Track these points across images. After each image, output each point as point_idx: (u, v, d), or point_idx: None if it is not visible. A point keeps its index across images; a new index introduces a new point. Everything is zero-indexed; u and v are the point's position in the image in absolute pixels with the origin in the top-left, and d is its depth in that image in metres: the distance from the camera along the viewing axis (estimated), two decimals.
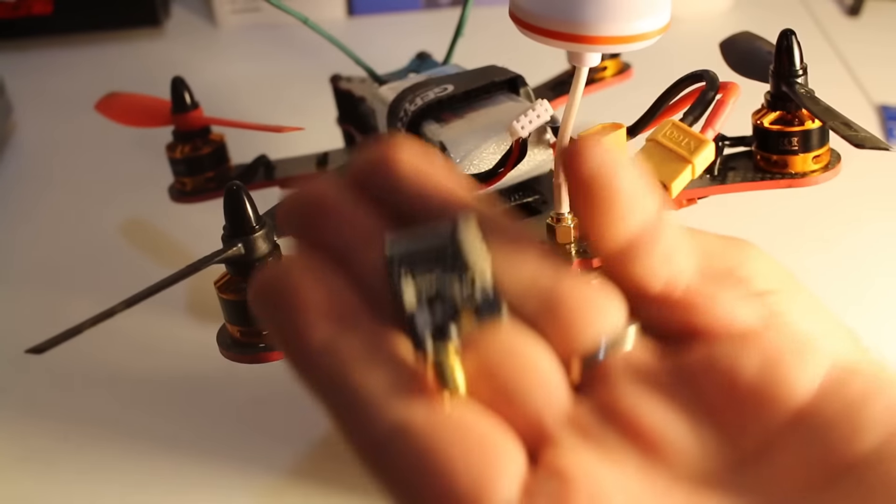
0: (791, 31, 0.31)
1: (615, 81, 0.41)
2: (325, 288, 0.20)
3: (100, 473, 0.38)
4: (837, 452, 0.19)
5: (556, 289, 0.21)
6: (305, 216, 0.22)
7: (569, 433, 0.20)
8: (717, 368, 0.21)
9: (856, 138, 0.28)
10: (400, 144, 0.22)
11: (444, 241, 0.21)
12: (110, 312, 0.26)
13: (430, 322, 0.20)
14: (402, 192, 0.22)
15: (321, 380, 0.20)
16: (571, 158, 0.20)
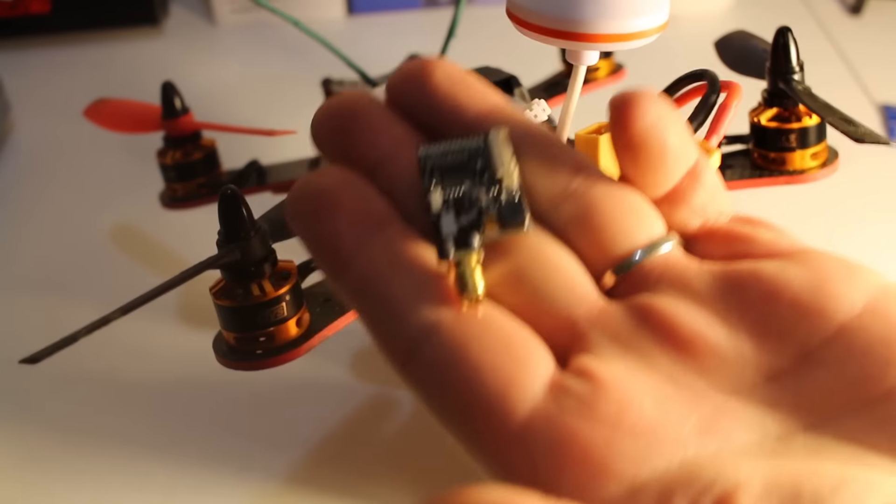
0: (787, 28, 0.31)
1: (608, 82, 0.40)
2: (357, 194, 0.21)
3: (96, 477, 0.37)
4: (873, 377, 0.19)
5: (590, 196, 0.21)
6: (339, 127, 0.22)
7: (599, 335, 0.20)
8: (762, 279, 0.20)
9: (855, 133, 0.28)
10: (434, 62, 0.22)
11: (474, 150, 0.21)
12: (106, 320, 0.26)
13: (455, 228, 0.20)
14: (436, 107, 0.22)
15: (355, 286, 0.20)
16: (624, 114, 0.20)
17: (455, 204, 0.20)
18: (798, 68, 0.31)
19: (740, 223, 0.22)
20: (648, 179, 0.21)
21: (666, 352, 0.19)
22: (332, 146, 0.22)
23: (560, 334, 0.20)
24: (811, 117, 0.31)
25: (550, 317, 0.20)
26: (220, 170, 0.40)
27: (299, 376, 0.40)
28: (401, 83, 0.23)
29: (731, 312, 0.20)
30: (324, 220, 0.21)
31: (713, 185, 0.22)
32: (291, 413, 0.39)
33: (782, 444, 0.18)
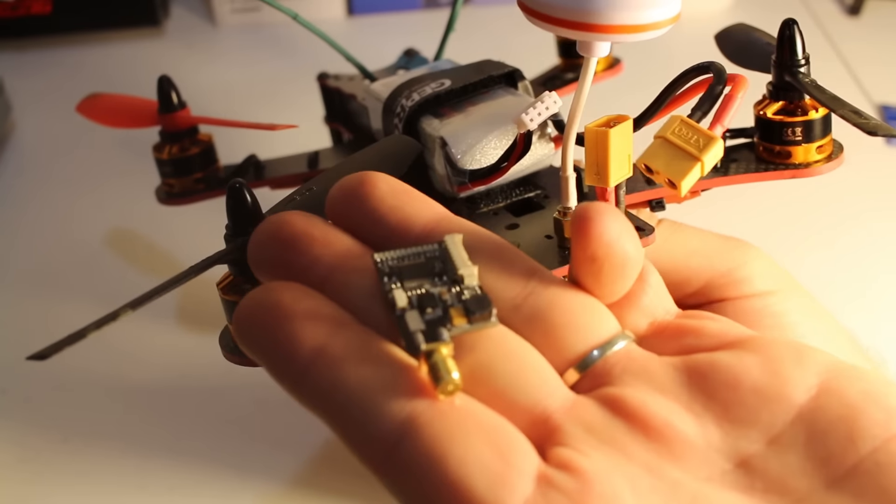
0: (793, 21, 0.31)
1: (606, 76, 0.40)
2: (309, 301, 0.20)
3: (99, 477, 0.37)
4: (838, 455, 0.19)
5: (546, 297, 0.21)
6: (280, 247, 0.22)
7: (574, 427, 0.20)
8: (721, 369, 0.21)
9: (867, 126, 0.28)
10: (374, 175, 0.22)
11: (431, 255, 0.21)
12: (114, 315, 0.26)
13: (422, 324, 0.20)
14: (382, 220, 0.22)
15: (318, 387, 0.20)
16: (588, 229, 0.21)
17: (419, 302, 0.20)
18: (804, 61, 0.31)
19: (687, 317, 0.22)
20: (606, 288, 0.22)
21: (640, 442, 0.20)
22: (273, 268, 0.22)
23: (534, 427, 0.20)
24: (817, 110, 0.31)
25: (524, 409, 0.20)
26: (218, 165, 0.39)
27: None
28: (341, 199, 0.22)
29: (696, 402, 0.20)
30: (276, 329, 0.20)
31: (658, 285, 0.23)
32: (295, 414, 0.39)
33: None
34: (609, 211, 0.21)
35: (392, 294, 0.20)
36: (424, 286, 0.21)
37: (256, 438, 0.39)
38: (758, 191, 0.34)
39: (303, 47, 0.64)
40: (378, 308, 0.21)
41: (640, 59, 0.45)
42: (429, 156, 0.33)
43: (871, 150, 0.54)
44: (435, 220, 0.22)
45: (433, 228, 0.22)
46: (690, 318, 0.23)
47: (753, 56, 0.34)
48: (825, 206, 0.50)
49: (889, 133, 0.27)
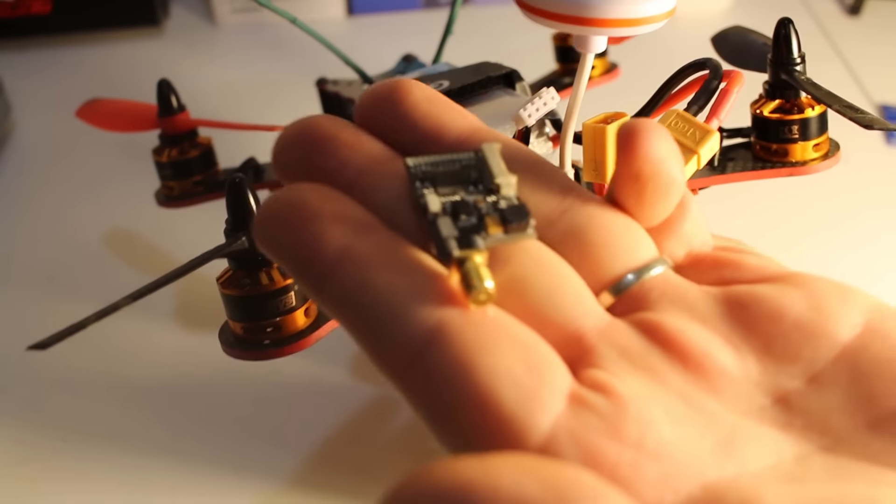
0: (788, 20, 0.31)
1: (602, 81, 0.41)
2: (336, 203, 0.19)
3: (99, 476, 0.37)
4: (882, 396, 0.19)
5: (584, 215, 0.20)
6: (306, 151, 0.21)
7: (608, 349, 0.19)
8: (763, 301, 0.20)
9: (863, 120, 0.28)
10: (409, 82, 0.21)
11: (466, 163, 0.20)
12: (115, 307, 0.26)
13: (455, 231, 0.19)
14: (415, 127, 0.21)
15: (342, 288, 0.18)
16: (635, 146, 0.20)
17: (452, 208, 0.19)
18: (800, 59, 0.31)
19: (725, 250, 0.22)
20: (648, 210, 0.21)
21: (676, 370, 0.19)
22: (299, 170, 0.21)
23: (567, 346, 0.19)
24: (813, 108, 0.32)
25: (557, 327, 0.19)
26: (217, 168, 0.39)
27: (302, 376, 0.40)
28: (373, 104, 0.21)
29: (736, 334, 0.19)
30: (300, 229, 0.19)
31: (698, 215, 0.22)
32: (293, 413, 0.39)
33: (800, 467, 0.18)
34: (658, 129, 0.20)
35: (425, 199, 0.19)
36: (459, 193, 0.19)
37: (256, 436, 0.39)
38: (755, 190, 0.34)
39: (303, 48, 0.64)
40: (408, 214, 0.20)
41: (640, 61, 0.45)
42: None
43: (871, 149, 0.54)
44: (471, 130, 0.21)
45: (468, 137, 0.21)
46: (729, 251, 0.22)
47: (750, 57, 0.34)
48: (823, 205, 0.50)
49: (884, 127, 0.28)
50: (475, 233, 0.19)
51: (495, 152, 0.20)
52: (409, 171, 0.20)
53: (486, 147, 0.20)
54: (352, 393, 0.40)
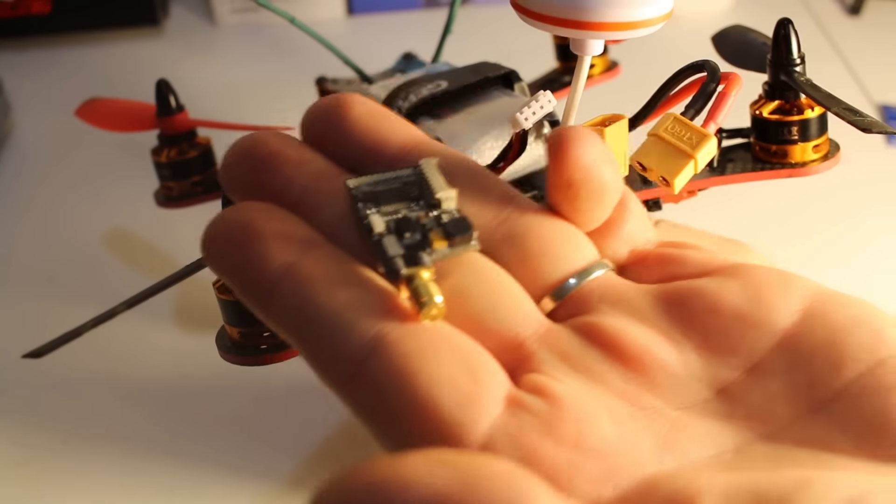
0: (788, 20, 0.31)
1: (603, 79, 0.40)
2: (280, 221, 0.20)
3: (98, 478, 0.37)
4: (822, 381, 0.19)
5: (523, 223, 0.21)
6: (252, 168, 0.21)
7: (548, 354, 0.19)
8: (702, 294, 0.20)
9: (862, 123, 0.28)
10: (351, 97, 0.22)
11: (407, 180, 0.20)
12: (111, 313, 0.26)
13: (401, 249, 0.19)
14: (357, 142, 0.21)
15: (285, 307, 0.19)
16: (564, 153, 0.20)
17: (396, 226, 0.19)
18: (799, 60, 0.31)
19: (669, 246, 0.22)
20: (585, 215, 0.21)
21: (616, 369, 0.19)
22: (245, 188, 0.21)
23: (507, 353, 0.19)
24: (813, 109, 0.31)
25: (497, 335, 0.20)
26: (216, 168, 0.39)
27: (298, 378, 0.40)
28: (316, 120, 0.22)
29: (675, 329, 0.20)
30: (244, 248, 0.19)
31: (640, 213, 0.22)
32: (292, 414, 0.39)
33: (741, 456, 0.18)
34: (586, 135, 0.20)
35: (368, 220, 0.20)
36: (402, 210, 0.20)
37: (254, 438, 0.39)
38: (755, 191, 0.34)
39: (302, 48, 0.63)
40: (351, 232, 0.20)
41: (640, 60, 0.45)
42: None
43: (871, 150, 0.54)
44: (411, 143, 0.22)
45: (411, 150, 0.21)
46: (672, 246, 0.22)
47: (750, 57, 0.34)
48: (823, 207, 0.49)
49: (883, 130, 0.27)
50: (420, 249, 0.19)
51: (433, 167, 0.20)
52: (351, 193, 0.20)
53: (425, 163, 0.21)
54: None
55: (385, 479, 0.15)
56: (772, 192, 0.44)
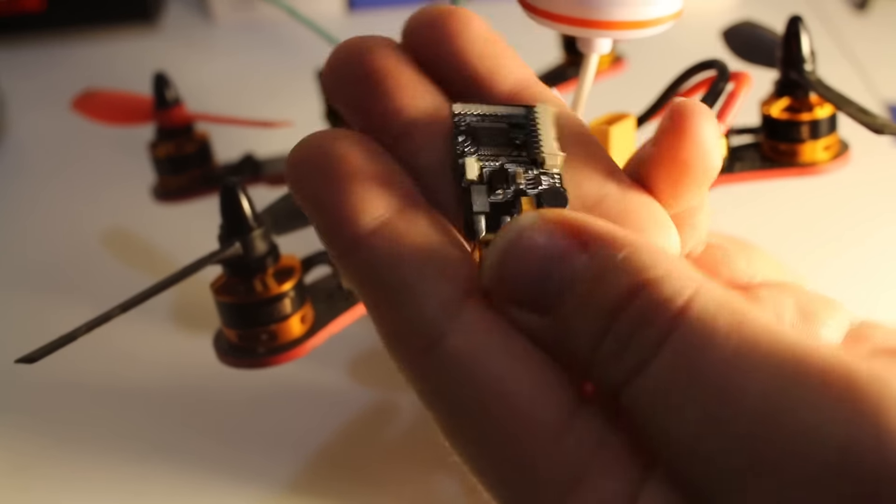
0: (798, 18, 0.31)
1: (608, 74, 0.40)
2: (381, 162, 0.18)
3: (92, 483, 0.37)
4: None
5: (622, 206, 0.19)
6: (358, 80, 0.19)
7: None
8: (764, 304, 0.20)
9: (874, 124, 0.27)
10: (465, 13, 0.20)
11: (516, 121, 0.19)
12: (106, 317, 0.25)
13: (487, 206, 0.18)
14: (466, 68, 0.20)
15: (369, 264, 0.18)
16: (687, 127, 0.19)
17: (490, 177, 0.18)
18: (810, 58, 0.31)
19: (717, 249, 0.22)
20: (682, 197, 0.20)
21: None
22: (347, 99, 0.19)
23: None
24: (823, 108, 0.31)
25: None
26: (214, 163, 0.39)
27: (298, 380, 0.40)
28: (424, 30, 0.20)
29: None
30: (337, 187, 0.18)
31: (709, 206, 0.22)
32: (291, 417, 0.39)
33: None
34: (710, 114, 0.19)
35: (464, 161, 0.18)
36: (501, 157, 0.18)
37: (252, 441, 0.38)
38: (765, 191, 0.33)
39: (301, 44, 0.63)
40: (448, 183, 0.19)
41: (645, 55, 0.44)
42: None
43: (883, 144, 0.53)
44: (525, 83, 0.20)
45: (523, 90, 0.20)
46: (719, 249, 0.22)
47: (761, 52, 0.33)
48: (834, 208, 0.49)
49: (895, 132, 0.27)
50: (507, 212, 0.18)
51: (549, 117, 0.19)
52: (454, 120, 0.19)
53: (541, 109, 0.19)
54: (350, 396, 0.39)
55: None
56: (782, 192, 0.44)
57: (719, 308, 0.15)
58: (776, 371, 0.15)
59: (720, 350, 0.15)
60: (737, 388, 0.15)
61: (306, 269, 0.29)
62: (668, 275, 0.16)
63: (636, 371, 0.16)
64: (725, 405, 0.15)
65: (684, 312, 0.15)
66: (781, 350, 0.15)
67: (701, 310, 0.15)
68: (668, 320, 0.15)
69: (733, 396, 0.15)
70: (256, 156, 0.40)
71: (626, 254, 0.16)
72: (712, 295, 0.16)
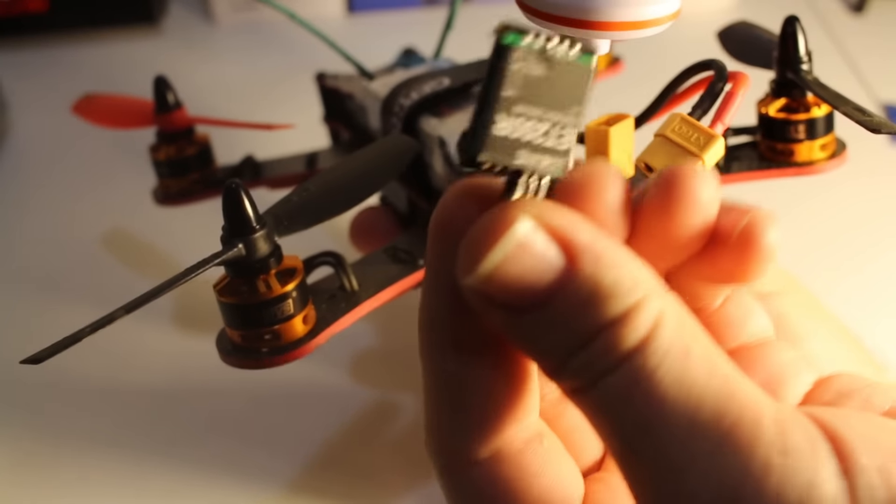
0: (795, 18, 0.31)
1: (605, 75, 0.40)
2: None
3: (93, 482, 0.37)
4: None
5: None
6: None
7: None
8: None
9: (871, 123, 0.27)
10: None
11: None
12: (110, 318, 0.25)
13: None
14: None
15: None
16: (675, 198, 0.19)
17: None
18: (807, 58, 0.31)
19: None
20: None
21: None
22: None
23: None
24: (819, 108, 0.31)
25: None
26: (215, 165, 0.39)
27: (300, 381, 0.40)
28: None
29: None
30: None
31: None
32: (292, 416, 0.39)
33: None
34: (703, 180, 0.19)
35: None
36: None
37: (254, 441, 0.38)
38: (762, 190, 0.34)
39: (302, 45, 0.63)
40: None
41: (642, 56, 0.45)
42: (428, 155, 0.32)
43: (880, 144, 0.53)
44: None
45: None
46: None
47: (757, 53, 0.34)
48: (831, 207, 0.49)
49: (892, 130, 0.27)
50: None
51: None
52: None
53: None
54: (351, 396, 0.40)
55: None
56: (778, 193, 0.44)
57: (667, 352, 0.17)
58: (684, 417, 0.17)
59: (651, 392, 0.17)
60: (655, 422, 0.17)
61: (309, 270, 0.29)
62: (639, 304, 0.17)
63: (592, 383, 0.18)
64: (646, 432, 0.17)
65: (639, 350, 0.17)
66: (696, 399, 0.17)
67: (651, 353, 0.17)
68: (626, 352, 0.17)
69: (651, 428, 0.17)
70: (257, 158, 0.40)
71: (613, 278, 0.17)
72: (667, 336, 0.17)
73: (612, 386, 0.17)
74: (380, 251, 0.32)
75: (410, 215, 0.36)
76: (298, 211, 0.28)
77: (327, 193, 0.29)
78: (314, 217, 0.28)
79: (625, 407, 0.17)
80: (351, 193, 0.29)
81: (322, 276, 0.30)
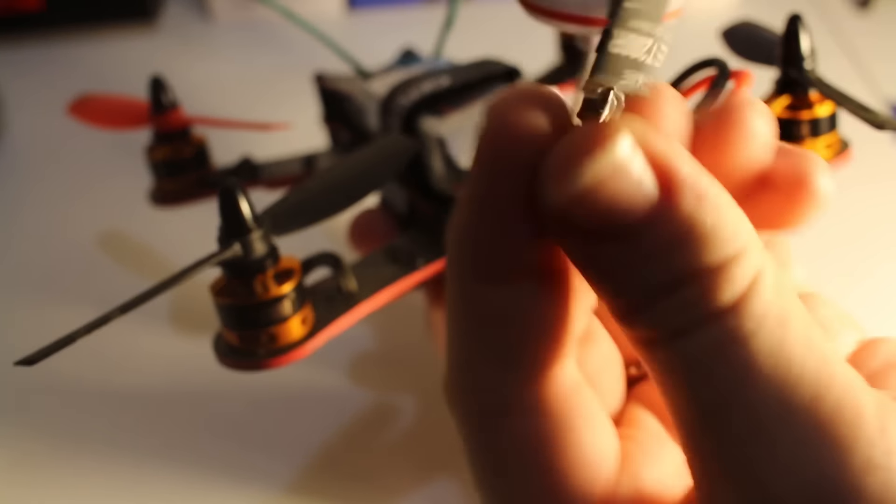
0: (798, 16, 0.31)
1: None
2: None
3: (91, 484, 0.37)
4: None
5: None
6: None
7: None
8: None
9: (875, 120, 0.27)
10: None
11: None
12: (105, 319, 0.25)
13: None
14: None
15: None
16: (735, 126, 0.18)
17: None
18: (810, 56, 0.31)
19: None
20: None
21: None
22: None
23: None
24: (823, 106, 0.31)
25: None
26: (211, 166, 0.39)
27: (298, 382, 0.40)
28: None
29: None
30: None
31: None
32: (290, 419, 0.39)
33: None
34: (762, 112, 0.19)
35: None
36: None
37: (251, 444, 0.38)
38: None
39: (300, 44, 0.63)
40: None
41: None
42: (427, 154, 0.32)
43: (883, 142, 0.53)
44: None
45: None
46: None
47: (760, 50, 0.33)
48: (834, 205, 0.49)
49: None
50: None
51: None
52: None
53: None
54: (349, 398, 0.39)
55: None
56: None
57: (764, 316, 0.16)
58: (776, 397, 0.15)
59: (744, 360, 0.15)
60: (742, 397, 0.15)
61: (306, 271, 0.29)
62: (739, 256, 0.15)
63: (673, 335, 0.16)
64: (729, 406, 0.15)
65: (736, 308, 0.15)
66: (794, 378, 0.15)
67: (748, 314, 0.15)
68: (720, 308, 0.15)
69: (736, 403, 0.15)
70: (254, 159, 0.40)
71: (713, 221, 0.15)
72: (766, 297, 0.16)
73: (697, 345, 0.15)
74: (379, 252, 0.32)
75: (410, 216, 0.35)
76: (295, 210, 0.28)
77: (325, 193, 0.29)
78: (311, 217, 0.28)
79: (708, 372, 0.15)
80: (348, 193, 0.29)
81: (320, 278, 0.30)
